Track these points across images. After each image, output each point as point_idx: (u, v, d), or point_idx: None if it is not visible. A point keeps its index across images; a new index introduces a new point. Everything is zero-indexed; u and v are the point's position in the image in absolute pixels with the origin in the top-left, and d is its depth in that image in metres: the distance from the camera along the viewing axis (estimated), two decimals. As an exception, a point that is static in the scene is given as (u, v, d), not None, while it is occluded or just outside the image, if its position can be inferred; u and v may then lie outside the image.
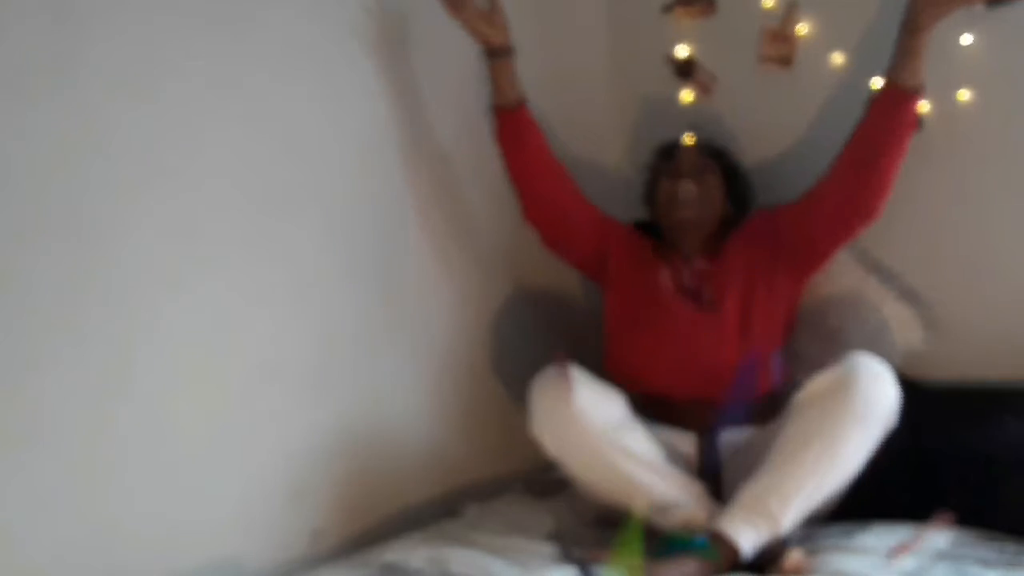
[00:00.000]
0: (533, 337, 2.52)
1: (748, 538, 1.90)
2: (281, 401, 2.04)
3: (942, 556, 1.88)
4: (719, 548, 1.91)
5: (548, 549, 1.97)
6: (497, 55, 2.22)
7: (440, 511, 2.27)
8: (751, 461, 2.04)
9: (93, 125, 1.74)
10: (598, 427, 2.02)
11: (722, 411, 2.17)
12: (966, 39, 2.28)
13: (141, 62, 1.80)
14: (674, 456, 2.16)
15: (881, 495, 2.03)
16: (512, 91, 2.25)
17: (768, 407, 2.17)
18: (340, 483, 2.14)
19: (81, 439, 1.74)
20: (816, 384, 2.02)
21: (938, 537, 1.93)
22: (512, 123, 2.27)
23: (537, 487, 2.14)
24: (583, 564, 1.89)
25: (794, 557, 1.89)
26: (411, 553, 1.97)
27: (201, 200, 1.90)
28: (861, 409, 1.94)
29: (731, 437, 2.18)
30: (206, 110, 1.90)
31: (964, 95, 2.30)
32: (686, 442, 2.19)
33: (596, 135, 2.68)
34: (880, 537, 1.96)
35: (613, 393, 2.13)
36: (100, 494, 1.77)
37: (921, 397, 2.05)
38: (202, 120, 1.89)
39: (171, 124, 1.84)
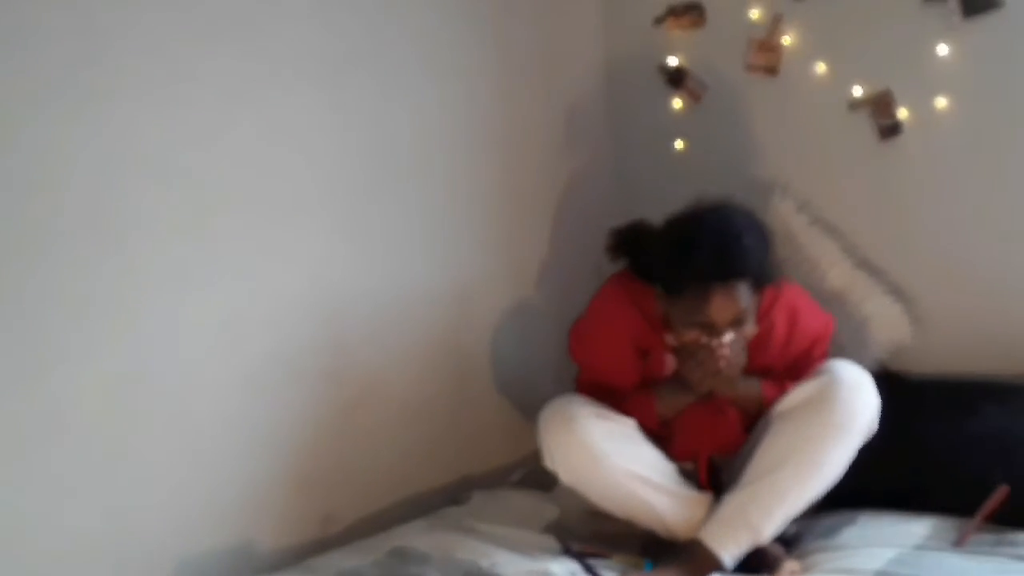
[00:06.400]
0: (534, 347, 2.48)
1: (729, 550, 1.84)
2: (291, 392, 2.02)
3: (921, 546, 1.86)
4: (701, 558, 1.84)
5: (549, 541, 1.95)
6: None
7: (446, 499, 2.24)
8: (740, 468, 1.98)
9: (109, 130, 1.71)
10: (611, 458, 1.90)
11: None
12: (943, 49, 2.27)
13: (156, 69, 1.78)
14: (682, 470, 2.06)
15: (867, 485, 2.00)
16: (669, 413, 2.04)
17: None
18: (349, 470, 2.12)
19: (97, 431, 1.72)
20: (797, 394, 1.93)
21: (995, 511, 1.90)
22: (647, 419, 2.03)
23: (541, 476, 2.07)
24: (582, 558, 1.87)
25: (789, 568, 1.83)
26: (418, 539, 1.95)
27: (213, 203, 1.87)
28: (841, 420, 1.86)
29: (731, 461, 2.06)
30: (219, 117, 1.87)
31: (941, 103, 2.29)
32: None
33: (590, 142, 2.66)
34: (863, 530, 1.93)
35: (622, 418, 1.98)
36: (116, 483, 1.75)
37: (906, 390, 2.03)
38: (211, 122, 1.87)
39: (184, 130, 1.82)
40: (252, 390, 1.95)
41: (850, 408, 1.88)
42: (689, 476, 2.03)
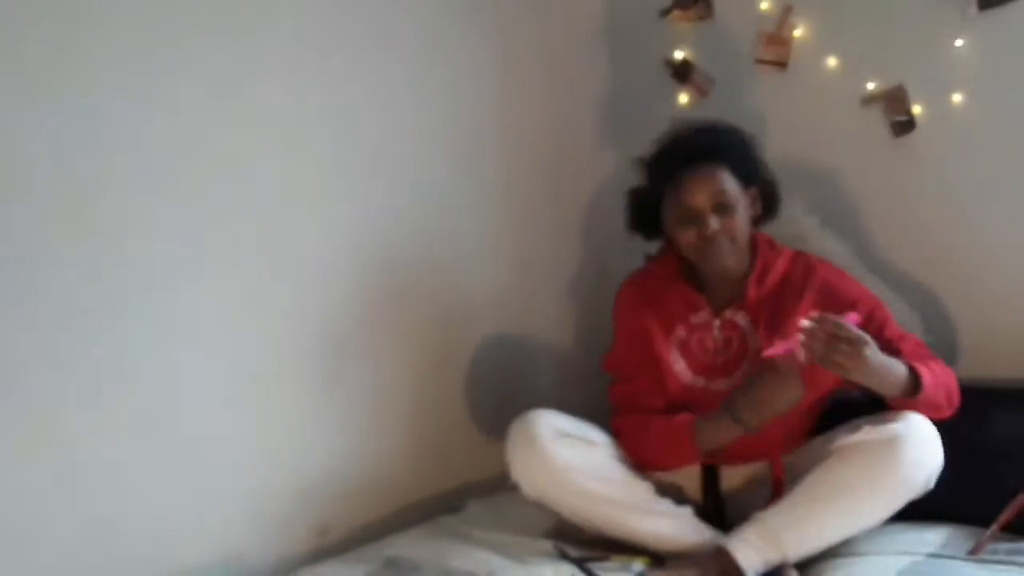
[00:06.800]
0: (535, 352, 2.47)
1: (753, 566, 1.82)
2: (285, 398, 2.00)
3: (935, 554, 1.83)
4: (725, 566, 1.82)
5: (546, 546, 1.94)
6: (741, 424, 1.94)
7: (441, 507, 2.23)
8: (757, 486, 1.99)
9: (100, 127, 1.70)
10: (577, 481, 1.92)
11: None
12: (958, 43, 2.24)
13: (148, 65, 1.76)
14: (669, 484, 2.05)
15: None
16: (712, 447, 1.97)
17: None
18: (344, 480, 2.11)
19: (85, 437, 1.70)
20: (864, 435, 1.86)
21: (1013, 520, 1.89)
22: (687, 460, 2.00)
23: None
24: (580, 562, 1.86)
25: (783, 573, 1.83)
26: (413, 548, 1.94)
27: (205, 202, 1.86)
28: (903, 477, 1.82)
29: (731, 470, 2.07)
30: (211, 113, 1.86)
31: (956, 98, 2.26)
32: (688, 472, 2.06)
33: (594, 138, 2.64)
34: (874, 538, 1.90)
35: (594, 433, 2.01)
36: (104, 491, 1.73)
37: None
38: (207, 123, 1.85)
39: (176, 127, 1.81)
40: (245, 397, 1.93)
41: (915, 465, 1.83)
42: (670, 493, 2.01)
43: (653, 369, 2.06)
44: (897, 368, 1.87)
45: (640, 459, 2.03)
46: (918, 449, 1.84)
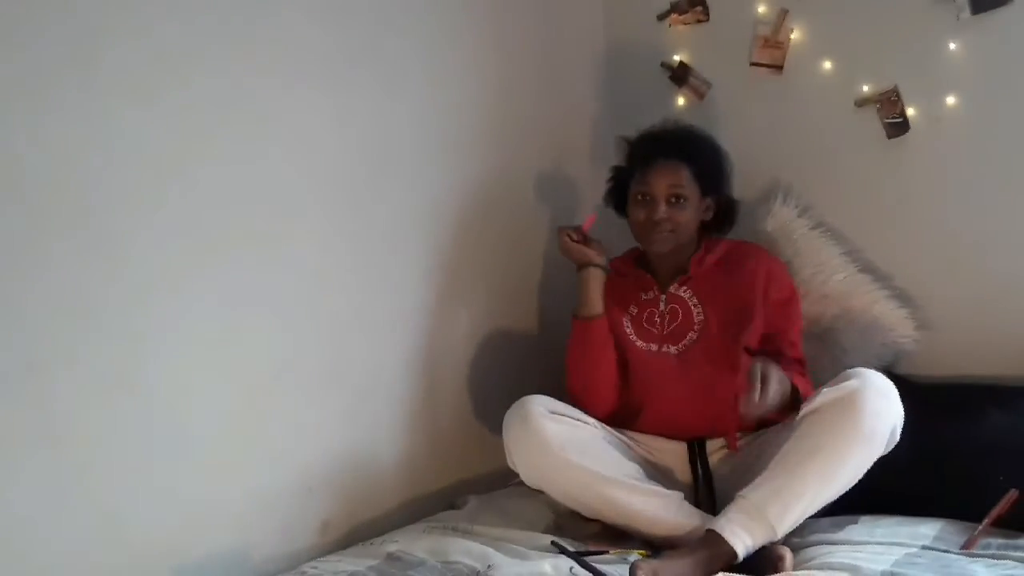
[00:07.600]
0: (534, 348, 2.49)
1: (744, 544, 1.85)
2: (289, 397, 2.00)
3: (929, 547, 1.84)
4: (716, 549, 1.85)
5: (545, 541, 1.94)
6: (589, 266, 2.21)
7: (443, 503, 2.24)
8: (745, 468, 2.01)
9: (105, 128, 1.70)
10: (570, 458, 1.98)
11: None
12: (951, 45, 2.25)
13: (152, 68, 1.76)
14: (658, 466, 2.12)
15: (874, 488, 1.97)
16: (595, 304, 2.20)
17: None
18: (347, 476, 2.11)
19: (92, 434, 1.70)
20: (823, 397, 1.93)
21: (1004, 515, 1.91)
22: (588, 333, 2.20)
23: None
24: (579, 556, 1.85)
25: (777, 554, 1.84)
26: (414, 543, 1.94)
27: (209, 202, 1.86)
28: (867, 428, 1.87)
29: (718, 445, 2.14)
30: (215, 114, 1.86)
31: (950, 100, 2.27)
32: (675, 451, 2.15)
33: (591, 140, 2.65)
34: (869, 530, 1.93)
35: (585, 415, 2.08)
36: (111, 488, 1.72)
37: (912, 394, 1.99)
38: (211, 124, 1.85)
39: (181, 128, 1.80)
40: (249, 394, 1.93)
41: (876, 417, 1.89)
42: (660, 476, 2.06)
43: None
44: (786, 385, 1.99)
45: (578, 376, 2.20)
46: (876, 399, 1.90)
